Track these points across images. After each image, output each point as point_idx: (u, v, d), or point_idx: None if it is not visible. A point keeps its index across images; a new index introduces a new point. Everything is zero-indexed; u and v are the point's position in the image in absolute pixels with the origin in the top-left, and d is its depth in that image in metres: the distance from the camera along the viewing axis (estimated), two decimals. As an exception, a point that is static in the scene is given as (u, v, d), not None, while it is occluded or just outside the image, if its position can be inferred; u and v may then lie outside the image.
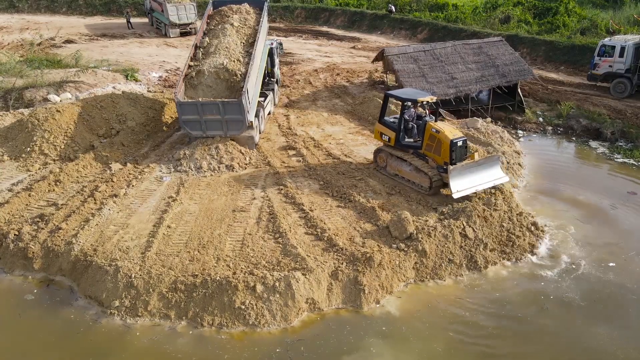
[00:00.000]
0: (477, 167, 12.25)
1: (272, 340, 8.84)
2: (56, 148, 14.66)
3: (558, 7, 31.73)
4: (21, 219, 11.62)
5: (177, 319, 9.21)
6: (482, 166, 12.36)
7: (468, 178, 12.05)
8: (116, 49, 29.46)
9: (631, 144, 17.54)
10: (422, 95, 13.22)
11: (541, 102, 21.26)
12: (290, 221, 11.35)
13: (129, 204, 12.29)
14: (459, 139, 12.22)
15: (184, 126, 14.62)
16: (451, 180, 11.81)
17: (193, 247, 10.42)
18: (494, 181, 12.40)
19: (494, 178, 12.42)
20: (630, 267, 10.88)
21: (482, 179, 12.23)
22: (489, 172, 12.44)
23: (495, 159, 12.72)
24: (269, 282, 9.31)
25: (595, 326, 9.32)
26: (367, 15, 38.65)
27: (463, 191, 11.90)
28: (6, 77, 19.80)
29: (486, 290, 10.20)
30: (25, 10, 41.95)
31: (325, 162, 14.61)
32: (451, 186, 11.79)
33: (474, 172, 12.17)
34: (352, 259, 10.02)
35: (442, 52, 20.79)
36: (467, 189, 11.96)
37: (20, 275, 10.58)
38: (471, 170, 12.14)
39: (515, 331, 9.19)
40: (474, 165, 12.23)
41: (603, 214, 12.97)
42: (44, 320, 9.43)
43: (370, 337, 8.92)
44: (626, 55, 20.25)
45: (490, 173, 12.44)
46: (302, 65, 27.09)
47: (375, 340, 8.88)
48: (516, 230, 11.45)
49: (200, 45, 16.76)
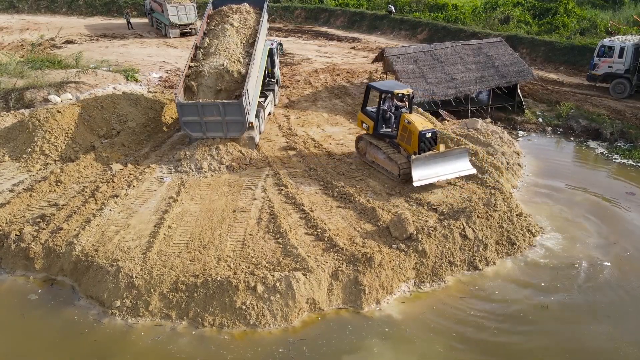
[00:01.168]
0: (442, 158, 12.80)
1: (273, 340, 8.87)
2: (57, 148, 14.70)
3: (557, 7, 31.82)
4: (22, 220, 11.65)
5: (178, 319, 9.25)
6: (448, 157, 12.90)
7: (431, 168, 12.65)
8: (116, 49, 29.50)
9: (630, 145, 17.59)
10: (399, 87, 13.80)
11: (541, 102, 21.33)
12: (290, 221, 11.39)
13: (130, 204, 12.33)
14: (428, 131, 12.73)
15: (184, 127, 14.66)
16: (413, 168, 12.46)
17: (194, 248, 10.46)
18: (459, 172, 12.94)
19: (461, 169, 12.96)
20: (627, 267, 10.94)
21: (446, 170, 12.80)
22: (456, 163, 12.97)
23: (464, 151, 13.24)
24: (269, 283, 9.35)
25: (595, 325, 9.38)
26: (367, 15, 38.71)
27: (424, 180, 12.54)
28: (7, 78, 19.84)
29: (486, 290, 10.24)
30: (25, 10, 42.01)
31: (325, 162, 14.65)
32: (412, 174, 12.43)
33: (439, 162, 12.75)
34: (352, 259, 10.06)
35: (441, 53, 20.84)
36: (429, 179, 12.59)
37: (21, 276, 10.62)
38: (436, 161, 12.72)
39: (515, 331, 9.23)
40: (438, 156, 12.78)
41: (601, 214, 13.01)
42: (47, 320, 9.47)
43: (372, 338, 8.96)
44: (625, 56, 20.32)
45: (457, 165, 12.97)
46: (302, 66, 27.13)
47: (377, 340, 8.92)
48: (516, 230, 11.49)
49: (200, 45, 16.78)
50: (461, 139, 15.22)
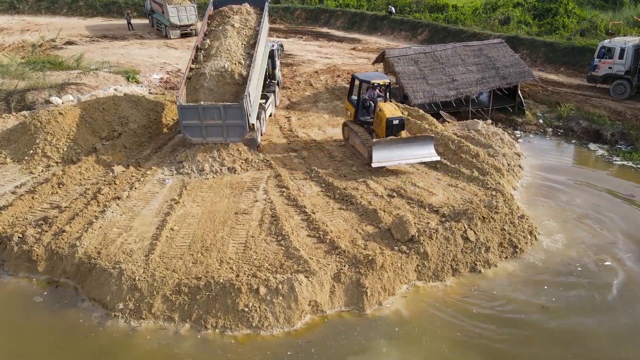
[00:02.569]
0: (404, 143, 13.85)
1: (279, 343, 8.90)
2: (59, 150, 14.73)
3: (558, 8, 31.83)
4: (25, 222, 11.68)
5: (180, 322, 9.27)
6: (411, 143, 13.91)
7: (392, 152, 13.67)
8: (117, 50, 29.52)
9: (630, 146, 17.62)
10: (378, 78, 15.03)
11: (541, 103, 21.36)
12: (292, 224, 11.42)
13: (132, 206, 12.36)
14: (396, 118, 13.99)
15: (184, 131, 14.62)
16: (374, 151, 13.55)
17: (196, 250, 10.49)
18: (422, 158, 13.98)
19: (423, 156, 13.96)
20: (626, 267, 10.98)
21: (408, 155, 13.82)
22: (420, 150, 13.93)
23: (428, 138, 14.15)
24: (272, 285, 9.38)
25: (596, 325, 9.41)
26: (367, 16, 38.72)
27: (383, 162, 13.69)
28: (8, 79, 19.87)
29: (488, 292, 10.27)
30: (25, 11, 42.00)
31: (327, 164, 14.68)
32: (372, 156, 13.52)
33: (401, 147, 13.78)
34: (354, 262, 10.09)
35: (442, 54, 20.87)
36: (388, 162, 13.72)
37: (24, 278, 10.64)
38: (398, 146, 13.75)
39: (517, 332, 9.26)
40: (401, 141, 13.84)
41: (601, 215, 13.05)
42: (51, 322, 9.50)
43: (378, 339, 8.99)
44: (626, 57, 20.34)
45: (420, 151, 13.93)
46: (302, 67, 27.16)
47: (384, 341, 8.95)
48: (517, 232, 11.53)
49: (201, 47, 16.74)
50: (489, 148, 15.34)
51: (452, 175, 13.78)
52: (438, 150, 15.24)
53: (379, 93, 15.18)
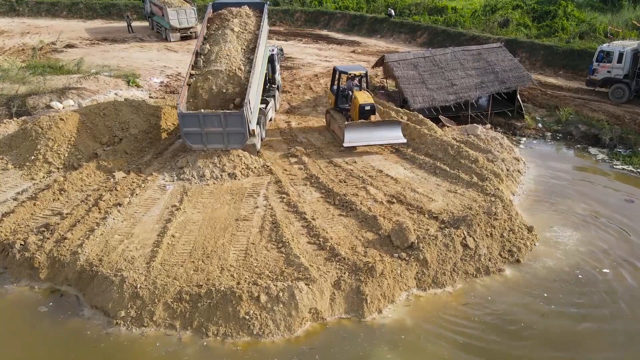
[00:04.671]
0: (374, 126, 15.65)
1: (279, 350, 8.98)
2: (60, 156, 14.78)
3: (557, 10, 31.91)
4: (27, 229, 11.74)
5: (182, 329, 9.35)
6: (380, 126, 15.72)
7: (362, 133, 15.50)
8: (117, 53, 29.57)
9: (629, 151, 17.70)
10: (355, 69, 17.30)
11: (540, 107, 21.44)
12: (292, 230, 11.49)
13: (133, 212, 12.41)
14: (367, 104, 15.86)
15: (185, 139, 14.66)
16: (345, 132, 15.35)
17: (197, 257, 10.55)
18: (389, 140, 15.71)
19: (391, 138, 15.69)
20: (626, 274, 11.06)
21: (377, 137, 15.58)
22: (387, 132, 15.66)
23: (396, 122, 16.10)
24: (272, 292, 9.45)
25: (596, 332, 9.50)
26: (367, 18, 38.76)
27: (354, 143, 15.49)
28: (9, 84, 19.93)
29: (488, 298, 10.34)
30: (25, 14, 41.99)
31: (326, 169, 14.75)
32: (344, 137, 15.31)
33: (371, 130, 15.57)
34: (354, 269, 10.16)
35: (441, 59, 20.95)
36: (358, 142, 15.52)
37: (26, 285, 10.71)
38: (368, 129, 15.57)
39: (517, 339, 9.34)
40: (370, 124, 15.69)
41: (600, 221, 13.13)
42: (56, 331, 9.58)
43: (383, 345, 9.08)
44: (624, 61, 20.43)
45: (388, 134, 15.66)
46: (302, 70, 27.21)
47: (387, 347, 9.03)
48: (516, 239, 11.61)
49: (200, 52, 16.68)
50: (488, 153, 15.55)
51: (451, 181, 13.84)
52: (437, 155, 15.38)
53: (356, 83, 17.08)
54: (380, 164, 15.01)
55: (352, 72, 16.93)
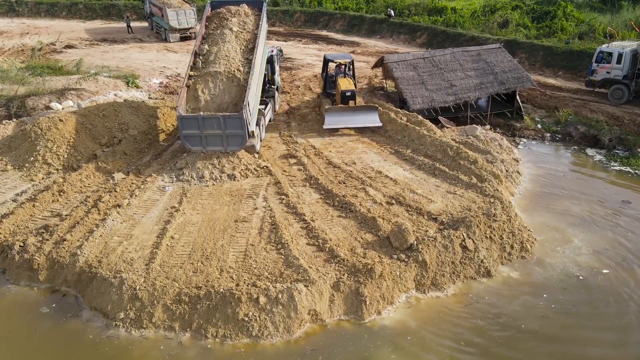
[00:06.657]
0: (352, 111, 17.56)
1: (278, 352, 8.99)
2: (59, 157, 14.78)
3: (556, 10, 31.93)
4: (26, 230, 11.74)
5: (181, 331, 9.36)
6: (358, 111, 17.58)
7: (341, 117, 17.40)
8: (116, 54, 29.58)
9: (628, 152, 17.70)
10: (342, 58, 19.42)
11: (539, 108, 21.44)
12: (292, 232, 11.49)
13: (132, 214, 12.42)
14: (348, 90, 17.81)
15: (184, 141, 14.64)
16: (326, 116, 17.33)
17: (196, 259, 10.56)
18: (366, 124, 17.44)
19: (368, 121, 17.44)
20: (623, 274, 11.09)
21: (355, 120, 17.41)
22: (365, 117, 17.45)
23: (373, 108, 17.78)
24: (271, 294, 9.45)
25: (597, 333, 9.52)
26: (366, 19, 38.77)
27: (334, 125, 17.38)
28: (8, 85, 19.93)
29: (487, 300, 10.35)
30: (25, 14, 42.00)
31: (325, 170, 14.75)
32: (325, 120, 17.32)
33: (350, 114, 17.47)
34: (353, 270, 10.16)
35: (441, 60, 20.95)
36: (337, 125, 17.43)
37: (26, 286, 10.71)
38: (347, 113, 17.49)
39: (517, 340, 9.35)
40: (349, 109, 17.59)
41: (598, 222, 13.15)
42: (56, 332, 9.60)
43: (386, 347, 9.09)
44: (624, 62, 20.43)
45: (366, 118, 17.43)
46: (301, 71, 27.22)
47: (390, 349, 9.05)
48: (515, 240, 11.61)
49: (199, 52, 16.62)
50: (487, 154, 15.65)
51: (450, 182, 13.84)
52: (436, 156, 15.40)
53: (345, 70, 18.98)
54: (379, 165, 15.01)
55: (338, 60, 18.94)
